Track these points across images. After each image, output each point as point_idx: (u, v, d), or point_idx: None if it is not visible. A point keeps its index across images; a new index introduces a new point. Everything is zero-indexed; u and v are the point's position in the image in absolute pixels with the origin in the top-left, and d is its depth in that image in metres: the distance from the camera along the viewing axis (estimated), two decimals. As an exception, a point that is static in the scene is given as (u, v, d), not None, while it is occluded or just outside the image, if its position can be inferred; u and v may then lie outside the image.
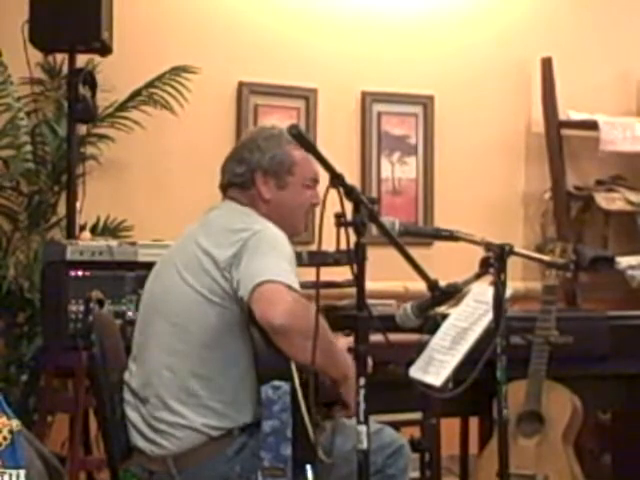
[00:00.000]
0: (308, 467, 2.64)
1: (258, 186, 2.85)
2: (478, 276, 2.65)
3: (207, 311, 2.67)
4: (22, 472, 2.12)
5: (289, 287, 2.55)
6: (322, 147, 2.33)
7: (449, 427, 4.25)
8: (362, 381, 2.23)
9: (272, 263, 2.60)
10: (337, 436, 2.80)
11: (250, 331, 2.66)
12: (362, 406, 2.23)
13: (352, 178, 2.66)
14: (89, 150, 4.69)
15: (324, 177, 2.31)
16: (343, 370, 2.66)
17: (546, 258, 3.33)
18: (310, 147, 2.34)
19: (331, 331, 2.71)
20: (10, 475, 2.11)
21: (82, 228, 4.38)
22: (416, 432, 3.92)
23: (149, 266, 2.98)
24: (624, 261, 5.38)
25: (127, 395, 2.79)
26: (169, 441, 2.68)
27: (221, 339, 2.67)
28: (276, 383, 2.58)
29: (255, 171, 2.85)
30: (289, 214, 2.89)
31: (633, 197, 5.68)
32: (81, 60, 4.36)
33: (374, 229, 2.45)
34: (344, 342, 2.75)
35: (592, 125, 5.62)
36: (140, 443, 2.74)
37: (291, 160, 2.88)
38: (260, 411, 2.64)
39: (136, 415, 2.75)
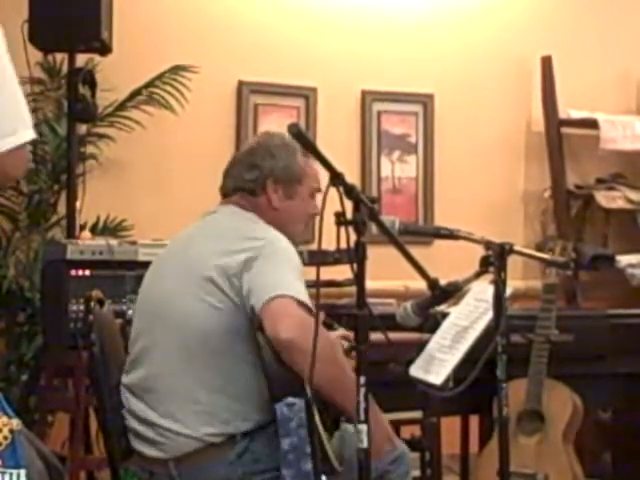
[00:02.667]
0: (324, 479, 2.63)
1: (269, 194, 2.83)
2: (478, 275, 2.65)
3: (213, 318, 2.65)
4: (22, 472, 2.12)
5: (299, 302, 2.54)
6: (322, 146, 2.33)
7: (449, 426, 4.26)
8: (362, 380, 2.23)
9: (286, 277, 2.58)
10: (344, 444, 2.79)
11: (257, 338, 2.64)
12: (362, 405, 2.23)
13: (352, 177, 2.66)
14: (89, 149, 4.70)
15: (324, 176, 2.31)
16: (352, 402, 2.40)
17: (546, 257, 3.33)
18: (310, 146, 2.34)
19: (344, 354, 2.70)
20: (10, 475, 2.11)
21: (82, 227, 4.38)
22: (416, 431, 3.93)
23: (149, 265, 2.98)
24: (624, 259, 5.39)
25: (125, 398, 2.77)
26: (169, 446, 2.66)
27: (227, 345, 2.65)
28: (290, 400, 2.56)
29: (267, 178, 2.83)
30: (292, 223, 2.87)
31: (633, 195, 5.68)
32: (81, 59, 4.36)
33: (374, 228, 2.45)
34: (337, 334, 2.76)
35: (592, 123, 5.62)
36: (139, 446, 2.73)
37: (302, 170, 2.86)
38: (265, 417, 2.64)
39: (135, 418, 2.73)
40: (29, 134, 2.88)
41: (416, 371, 2.67)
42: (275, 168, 2.83)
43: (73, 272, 3.80)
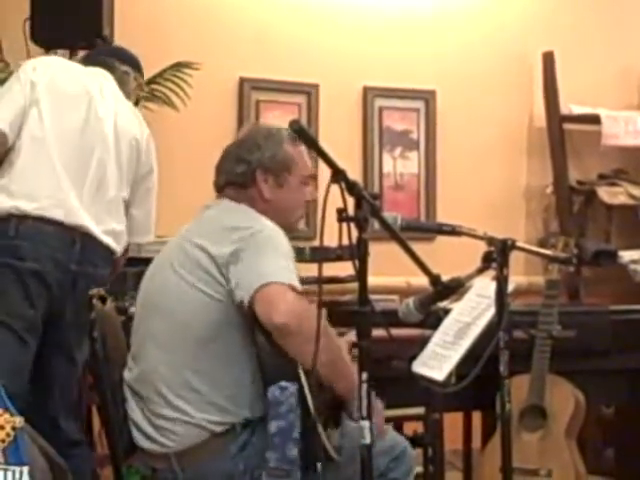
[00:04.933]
0: (318, 465, 2.63)
1: (259, 185, 2.84)
2: (480, 271, 2.65)
3: (207, 306, 2.67)
4: (25, 469, 2.13)
5: (290, 287, 2.55)
6: (324, 143, 2.33)
7: (452, 422, 4.25)
8: (364, 376, 2.24)
9: (272, 264, 2.59)
10: (343, 437, 2.80)
11: (252, 329, 2.65)
12: (364, 401, 2.23)
13: (354, 173, 2.66)
14: (91, 146, 4.69)
15: (326, 173, 2.31)
16: (349, 384, 2.61)
17: (548, 252, 3.32)
18: (312, 143, 2.34)
19: (335, 331, 2.72)
20: (13, 472, 2.11)
21: (84, 225, 4.38)
22: (419, 427, 3.92)
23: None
24: (627, 255, 5.38)
25: (127, 393, 2.79)
26: (170, 439, 2.68)
27: (221, 333, 2.67)
28: (283, 384, 2.58)
29: (255, 170, 2.84)
30: (286, 212, 2.89)
31: (635, 191, 5.67)
32: (82, 57, 4.36)
33: (376, 224, 2.45)
34: (344, 340, 2.76)
35: (594, 119, 5.62)
36: (142, 441, 2.73)
37: (290, 158, 2.88)
38: (262, 407, 2.65)
39: (137, 413, 2.75)
40: (151, 237, 3.52)
41: (418, 367, 2.67)
42: (262, 159, 2.85)
43: (75, 269, 3.79)
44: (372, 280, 2.28)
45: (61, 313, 3.23)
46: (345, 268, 2.61)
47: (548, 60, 5.61)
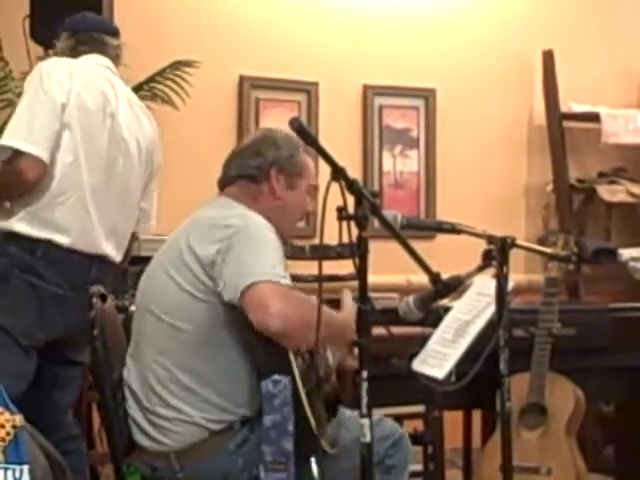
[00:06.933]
0: (312, 460, 2.64)
1: (271, 182, 2.85)
2: (480, 269, 2.65)
3: (194, 308, 2.67)
4: (25, 467, 2.13)
5: (277, 284, 2.54)
6: (323, 141, 2.33)
7: (452, 420, 4.26)
8: (364, 374, 2.24)
9: (258, 261, 2.58)
10: (341, 429, 2.80)
11: (243, 326, 2.65)
12: (364, 399, 2.23)
13: (354, 171, 2.66)
14: (91, 145, 4.69)
15: (326, 171, 2.31)
16: (344, 335, 2.71)
17: (548, 250, 3.32)
18: (312, 141, 2.34)
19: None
20: (14, 470, 2.11)
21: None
22: (419, 425, 3.93)
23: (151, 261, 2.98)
24: (626, 253, 5.38)
25: (127, 392, 2.79)
26: (170, 437, 2.68)
27: (211, 334, 2.67)
28: (276, 377, 2.58)
29: (271, 166, 2.85)
30: (290, 214, 2.91)
31: (635, 189, 5.68)
32: (82, 55, 4.35)
33: (376, 222, 2.45)
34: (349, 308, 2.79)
35: (594, 117, 5.63)
36: (142, 440, 2.74)
37: (303, 163, 2.90)
38: (259, 404, 2.65)
39: (136, 412, 2.75)
40: (153, 222, 3.71)
41: (418, 365, 2.67)
42: (279, 157, 2.86)
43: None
44: (372, 278, 2.28)
45: (75, 334, 3.24)
46: (345, 266, 2.61)
47: (548, 58, 5.61)
